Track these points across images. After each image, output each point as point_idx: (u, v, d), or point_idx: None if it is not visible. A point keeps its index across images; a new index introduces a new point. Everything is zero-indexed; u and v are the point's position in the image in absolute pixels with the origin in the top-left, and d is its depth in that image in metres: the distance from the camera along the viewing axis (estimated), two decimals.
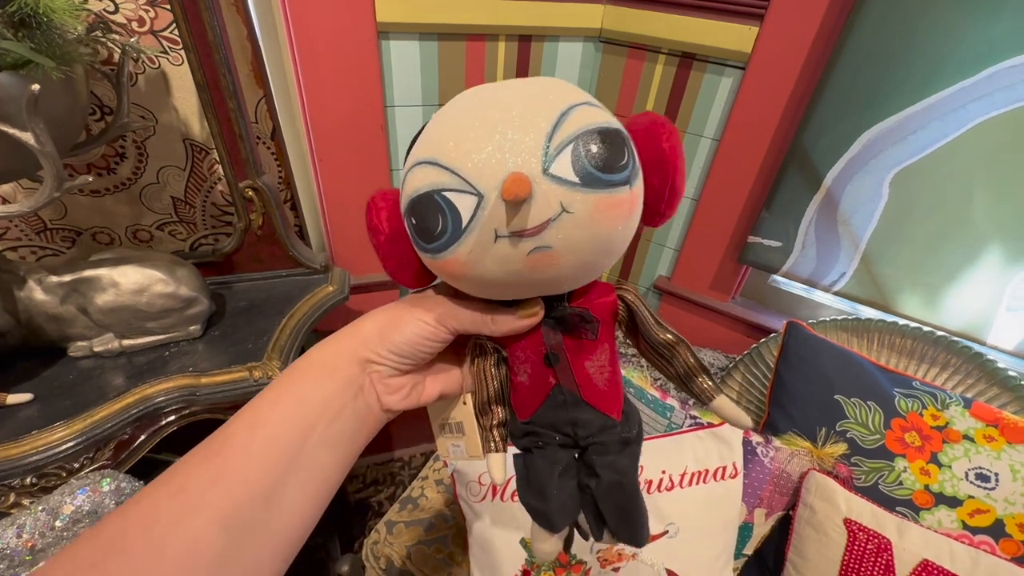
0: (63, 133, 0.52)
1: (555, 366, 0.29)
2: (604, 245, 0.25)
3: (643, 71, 0.88)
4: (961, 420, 0.69)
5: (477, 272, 0.24)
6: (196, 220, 0.84)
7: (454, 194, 0.23)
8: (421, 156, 0.24)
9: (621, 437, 0.30)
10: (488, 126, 0.23)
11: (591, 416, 0.29)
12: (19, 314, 0.60)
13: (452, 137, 0.24)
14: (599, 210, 0.23)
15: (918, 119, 0.68)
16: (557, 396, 0.29)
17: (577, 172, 0.22)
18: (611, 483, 0.29)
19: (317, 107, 0.79)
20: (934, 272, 0.76)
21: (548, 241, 0.23)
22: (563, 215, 0.22)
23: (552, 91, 0.24)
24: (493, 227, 0.22)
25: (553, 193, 0.22)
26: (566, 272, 0.25)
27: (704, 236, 0.96)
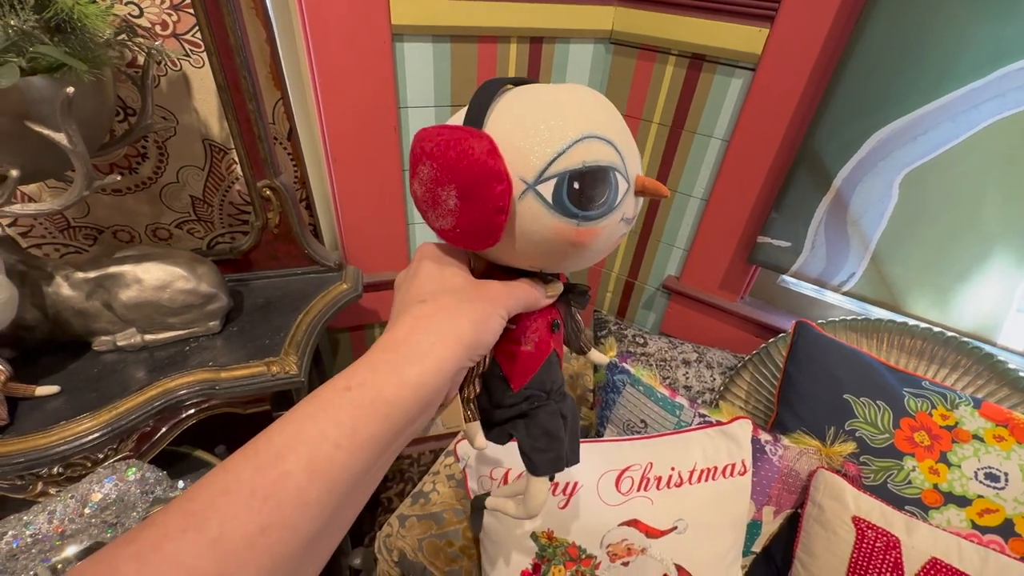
0: (91, 134, 0.54)
1: (557, 331, 0.34)
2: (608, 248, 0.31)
3: (653, 72, 0.89)
4: (971, 420, 0.69)
5: (598, 242, 0.28)
6: (214, 219, 0.86)
7: (619, 175, 0.27)
8: (594, 131, 0.26)
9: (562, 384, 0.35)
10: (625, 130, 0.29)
11: (559, 373, 0.34)
12: (47, 309, 0.62)
13: (616, 127, 0.28)
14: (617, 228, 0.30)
15: (929, 120, 0.69)
16: (552, 359, 0.33)
17: None
18: (573, 417, 0.35)
19: (332, 108, 0.81)
20: (944, 273, 0.76)
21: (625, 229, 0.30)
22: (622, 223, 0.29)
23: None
24: (623, 211, 0.28)
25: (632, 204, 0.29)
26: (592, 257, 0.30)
27: (713, 236, 0.97)
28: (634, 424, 0.82)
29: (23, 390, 0.59)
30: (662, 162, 0.96)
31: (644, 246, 1.08)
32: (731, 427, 0.71)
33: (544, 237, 0.27)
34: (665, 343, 0.99)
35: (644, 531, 0.65)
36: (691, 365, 0.96)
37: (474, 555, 0.73)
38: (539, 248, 0.28)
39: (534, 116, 0.26)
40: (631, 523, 0.66)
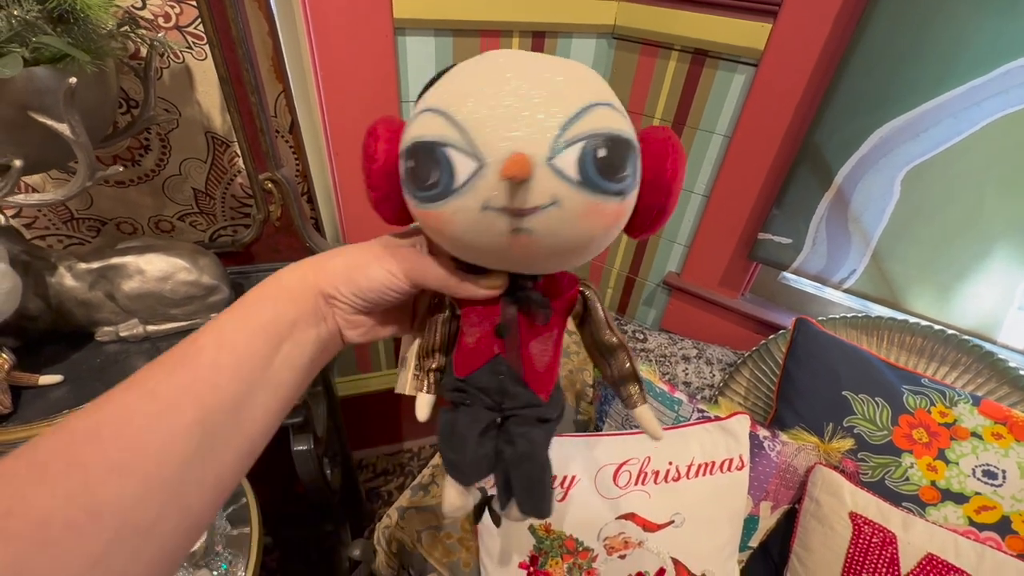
0: (94, 125, 0.54)
1: (504, 337, 0.30)
2: (582, 245, 0.25)
3: (656, 68, 0.89)
4: (970, 417, 0.69)
5: (455, 233, 0.25)
6: (216, 211, 0.86)
7: (456, 152, 0.23)
8: (435, 104, 0.24)
9: (542, 415, 0.31)
10: (511, 97, 0.23)
11: (521, 391, 0.30)
12: (50, 299, 0.63)
13: (472, 95, 0.23)
14: (587, 213, 0.23)
15: (931, 116, 0.68)
16: (497, 365, 0.30)
17: (579, 171, 0.22)
18: (524, 453, 0.30)
19: (334, 101, 0.81)
20: (945, 270, 0.76)
21: (531, 226, 0.23)
22: (552, 207, 0.23)
23: (582, 81, 0.24)
24: (484, 197, 0.23)
25: (550, 183, 0.22)
26: (539, 258, 0.26)
27: (714, 232, 0.97)
28: (633, 419, 0.82)
29: (26, 379, 0.60)
30: None
31: (645, 242, 1.08)
32: (729, 422, 0.71)
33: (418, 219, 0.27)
34: (665, 339, 0.99)
35: (641, 525, 0.66)
36: (691, 361, 0.96)
37: (472, 547, 0.73)
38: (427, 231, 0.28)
39: None
40: (628, 516, 0.66)
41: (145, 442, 0.21)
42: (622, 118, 0.24)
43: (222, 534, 0.74)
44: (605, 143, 0.22)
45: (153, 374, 0.23)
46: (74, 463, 0.20)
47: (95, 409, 0.22)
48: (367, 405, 1.34)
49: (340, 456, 1.16)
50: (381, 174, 0.27)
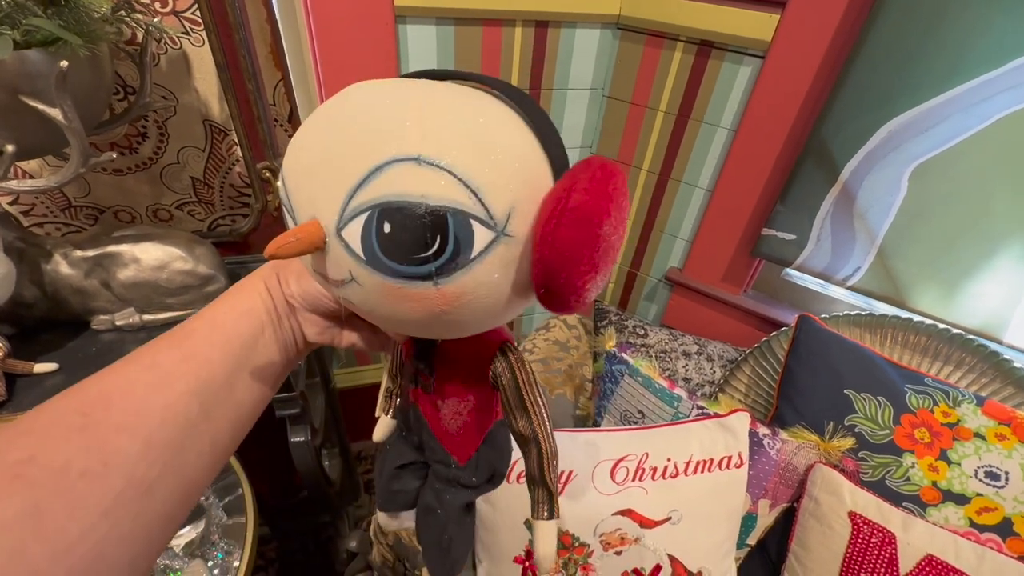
0: (88, 111, 0.54)
1: (415, 387, 0.29)
2: (416, 326, 0.22)
3: (660, 59, 0.87)
4: (973, 418, 0.68)
5: None
6: (214, 201, 0.86)
7: (287, 212, 0.22)
8: (286, 155, 0.22)
9: (455, 478, 0.28)
10: (319, 153, 0.20)
11: (436, 446, 0.29)
12: (45, 287, 0.62)
13: (297, 149, 0.21)
14: (389, 296, 0.20)
15: (940, 112, 0.67)
16: (413, 413, 0.29)
17: (363, 248, 0.18)
18: (426, 506, 0.29)
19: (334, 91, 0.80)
20: (951, 268, 0.75)
21: (348, 296, 0.21)
22: (353, 282, 0.20)
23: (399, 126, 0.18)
24: (308, 259, 0.21)
25: (341, 257, 0.19)
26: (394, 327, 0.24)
27: (717, 228, 0.96)
28: (631, 415, 0.81)
29: (21, 367, 0.60)
30: (667, 151, 0.95)
31: (647, 237, 1.07)
32: (729, 419, 0.71)
33: None
34: (666, 335, 0.98)
35: (638, 521, 0.65)
36: (691, 357, 0.95)
37: None
38: None
39: None
40: (625, 512, 0.66)
41: (148, 407, 0.23)
42: (437, 177, 0.18)
43: (218, 524, 0.74)
44: (392, 216, 0.18)
45: (152, 349, 0.26)
46: (87, 421, 0.21)
47: (102, 377, 0.24)
48: (366, 397, 1.34)
49: (339, 447, 1.16)
50: None
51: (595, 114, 0.99)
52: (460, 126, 0.19)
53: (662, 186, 0.99)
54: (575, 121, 0.99)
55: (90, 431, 0.21)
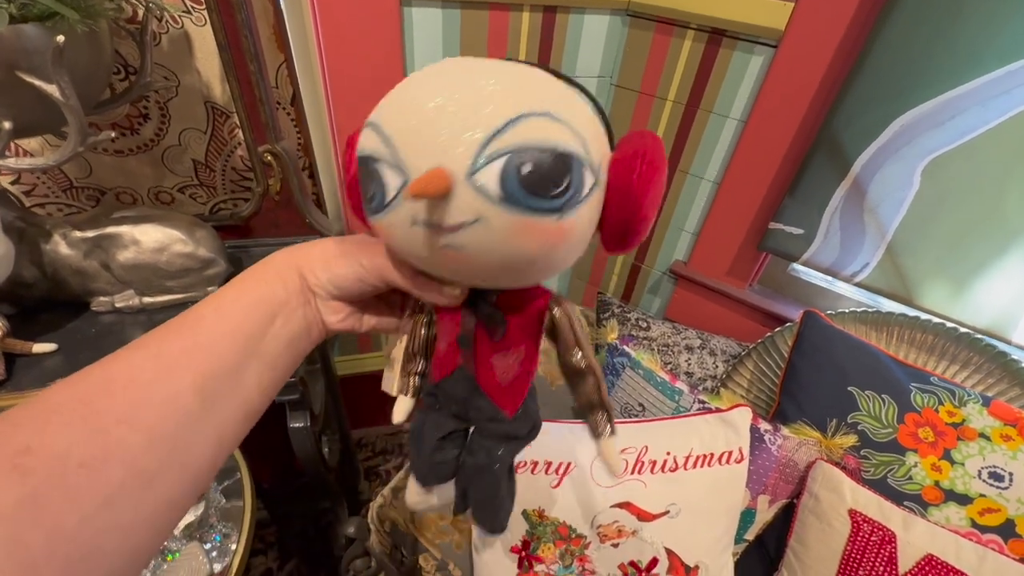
0: (87, 89, 0.53)
1: (464, 348, 0.30)
2: (522, 263, 0.24)
3: (670, 47, 0.86)
4: (978, 418, 0.67)
5: (397, 244, 0.25)
6: (216, 184, 0.85)
7: (386, 167, 0.23)
8: (373, 116, 0.24)
9: (507, 432, 0.30)
10: (438, 109, 0.22)
11: (485, 404, 0.30)
12: (45, 267, 0.62)
13: (405, 107, 0.23)
14: (516, 232, 0.22)
15: (957, 104, 0.65)
16: (460, 374, 0.30)
17: (501, 187, 0.21)
18: (479, 465, 0.30)
19: (337, 74, 0.79)
20: (962, 266, 0.74)
21: (460, 242, 0.22)
22: (477, 223, 0.22)
23: (520, 89, 0.22)
24: (411, 212, 0.22)
25: (472, 200, 0.21)
26: (479, 274, 0.25)
27: (724, 221, 0.94)
28: (632, 407, 0.81)
29: (20, 346, 0.59)
30: (675, 142, 0.93)
31: (652, 229, 1.06)
32: (730, 414, 0.70)
33: None
34: (668, 328, 0.98)
35: (636, 514, 0.65)
36: (694, 351, 0.94)
37: (465, 529, 0.73)
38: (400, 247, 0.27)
39: None
40: (623, 505, 0.65)
41: (150, 397, 0.23)
42: (562, 128, 0.22)
43: (216, 507, 0.74)
44: (532, 157, 0.21)
45: (158, 337, 0.25)
46: (88, 410, 0.21)
47: (106, 364, 0.23)
48: (367, 384, 1.34)
49: (339, 434, 1.16)
50: (352, 183, 0.27)
51: (603, 103, 0.98)
52: (563, 92, 0.24)
53: (669, 178, 0.98)
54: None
55: (91, 421, 0.21)
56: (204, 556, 0.66)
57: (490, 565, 0.69)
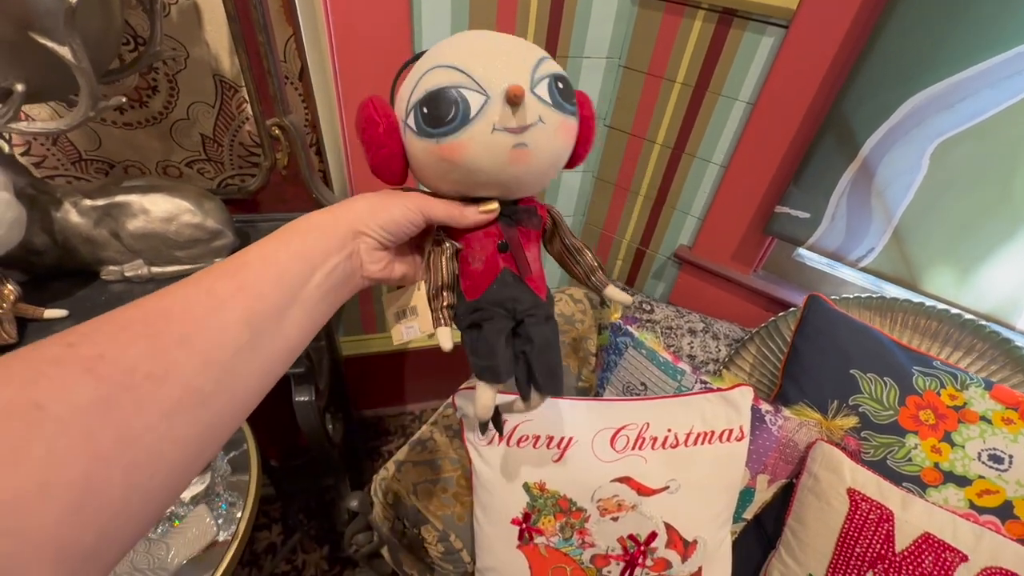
0: (97, 54, 0.53)
1: (508, 252, 0.36)
2: (557, 157, 0.34)
3: (680, 27, 0.85)
4: (980, 401, 0.68)
5: (469, 156, 0.31)
6: (224, 159, 0.85)
7: (468, 91, 0.30)
8: (439, 62, 0.31)
9: (548, 312, 0.37)
10: (493, 52, 0.32)
11: (527, 294, 0.36)
12: (55, 235, 0.63)
13: (467, 53, 0.31)
14: (560, 127, 0.33)
15: (969, 86, 0.65)
16: (505, 277, 0.36)
17: (551, 96, 0.32)
18: (543, 343, 0.36)
19: (345, 49, 0.79)
20: (968, 251, 0.73)
21: (527, 140, 0.31)
22: (539, 123, 0.31)
23: (528, 45, 0.33)
24: (492, 121, 0.30)
25: (535, 106, 0.31)
26: (531, 172, 0.33)
27: (730, 204, 0.94)
28: (634, 387, 0.81)
29: (32, 311, 0.60)
30: (682, 124, 0.93)
31: (658, 213, 1.06)
32: (732, 393, 0.70)
33: (428, 161, 0.33)
34: (672, 311, 0.98)
35: (636, 488, 0.66)
36: (697, 335, 0.95)
37: (467, 502, 0.74)
38: (434, 171, 0.33)
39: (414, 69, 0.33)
40: (623, 480, 0.66)
41: (205, 326, 0.24)
42: (558, 65, 0.34)
43: (223, 476, 0.75)
44: (561, 79, 0.32)
45: (209, 277, 0.27)
46: (150, 330, 0.23)
47: (161, 295, 0.25)
48: (372, 365, 1.35)
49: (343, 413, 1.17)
50: (386, 133, 0.33)
51: (610, 85, 0.97)
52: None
53: (675, 161, 0.97)
54: (590, 91, 0.97)
55: (153, 340, 0.23)
56: (211, 518, 0.68)
57: (491, 537, 0.70)
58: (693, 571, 0.67)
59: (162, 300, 0.25)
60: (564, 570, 0.68)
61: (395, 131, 0.33)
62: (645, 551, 0.66)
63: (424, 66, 0.32)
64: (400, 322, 0.39)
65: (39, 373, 0.19)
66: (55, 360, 0.20)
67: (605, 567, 0.67)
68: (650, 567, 0.66)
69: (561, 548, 0.67)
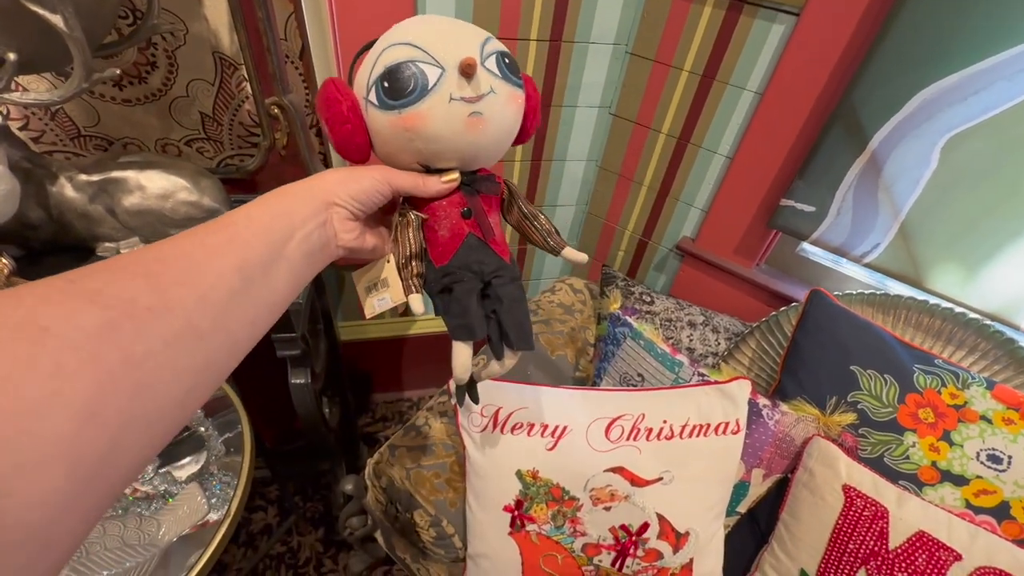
0: (92, 25, 0.52)
1: (472, 217, 0.38)
2: (509, 126, 0.37)
3: (690, 13, 0.83)
4: (981, 401, 0.67)
5: (430, 124, 0.33)
6: (223, 139, 0.84)
7: (425, 65, 0.33)
8: (397, 40, 0.34)
9: (513, 274, 0.39)
10: (445, 31, 0.35)
11: (492, 257, 0.38)
12: (51, 209, 0.62)
13: (421, 33, 0.34)
14: (510, 97, 0.36)
15: (983, 78, 0.63)
16: (470, 241, 0.38)
17: (499, 69, 0.35)
18: (511, 301, 0.38)
19: (347, 27, 0.77)
20: (975, 249, 0.72)
21: (481, 109, 0.34)
22: (491, 93, 0.34)
23: (476, 27, 0.36)
24: (449, 91, 0.33)
25: (486, 77, 0.34)
26: (487, 139, 0.36)
27: (734, 197, 0.93)
28: (631, 377, 0.81)
29: None
30: (689, 114, 0.91)
31: (661, 204, 1.04)
32: (729, 386, 0.70)
33: (391, 133, 0.35)
34: (672, 303, 0.97)
35: (629, 479, 0.65)
36: (696, 328, 0.94)
37: (460, 488, 0.74)
38: (397, 144, 0.35)
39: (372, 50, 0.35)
40: (617, 470, 0.66)
41: (202, 271, 0.26)
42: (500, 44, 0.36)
43: (217, 456, 0.75)
44: (506, 55, 0.36)
45: (199, 231, 0.28)
46: (148, 271, 0.24)
47: (157, 246, 0.26)
48: (370, 351, 1.35)
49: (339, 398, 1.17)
50: (351, 110, 0.35)
51: (616, 72, 0.96)
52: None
53: (680, 151, 0.96)
54: (595, 78, 0.96)
55: (152, 279, 0.24)
56: (203, 497, 0.68)
57: (483, 523, 0.70)
58: (684, 563, 0.67)
59: (158, 249, 0.26)
60: (555, 558, 0.68)
61: (357, 108, 0.35)
62: (637, 541, 0.66)
63: (381, 46, 0.34)
64: (371, 295, 0.41)
65: (43, 300, 0.20)
66: (60, 290, 0.21)
67: (596, 556, 0.67)
68: (641, 557, 0.66)
69: (553, 536, 0.67)
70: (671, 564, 0.67)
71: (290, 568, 1.17)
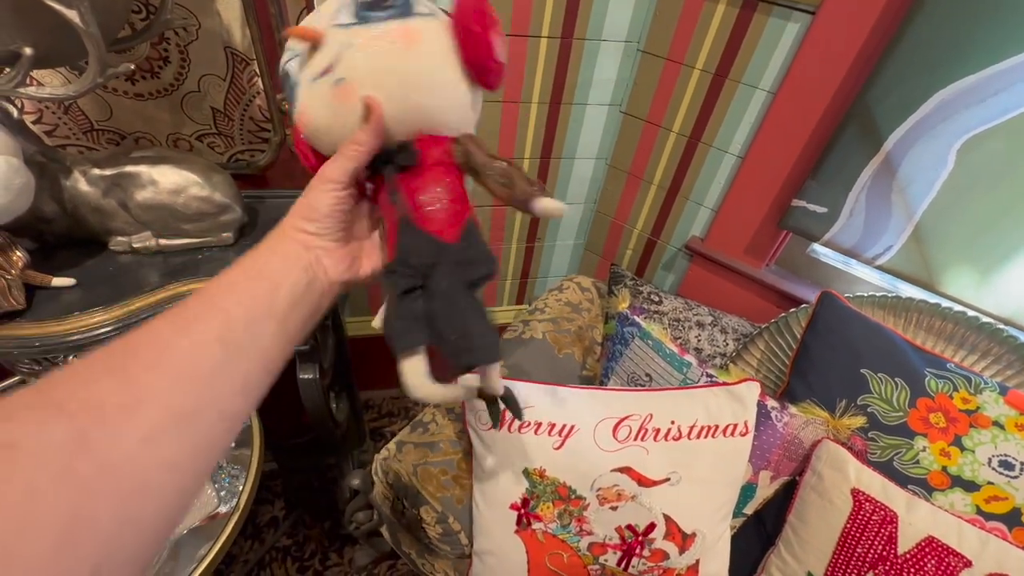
0: (107, 19, 0.52)
1: (396, 202, 0.33)
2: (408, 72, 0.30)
3: (703, 10, 0.83)
4: (994, 406, 0.66)
5: (313, 118, 0.32)
6: (234, 134, 0.85)
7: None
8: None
9: (458, 257, 0.32)
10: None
11: (422, 242, 0.32)
12: (64, 203, 0.63)
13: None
14: (379, 38, 0.30)
15: (1002, 79, 0.62)
16: (402, 227, 0.33)
17: (352, 16, 0.30)
18: (444, 297, 0.31)
19: None
20: (989, 252, 0.71)
21: (341, 74, 0.30)
22: (347, 49, 0.29)
23: None
24: (308, 75, 0.30)
25: (338, 37, 0.30)
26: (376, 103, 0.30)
27: (745, 196, 0.92)
28: (639, 377, 0.81)
29: (40, 279, 0.60)
30: (700, 112, 0.91)
31: (671, 203, 1.04)
32: (738, 388, 0.69)
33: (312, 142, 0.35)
34: (680, 303, 0.97)
35: (636, 479, 0.65)
36: (705, 328, 0.94)
37: (466, 485, 0.74)
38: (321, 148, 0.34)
39: None
40: (624, 470, 0.66)
41: (174, 348, 0.25)
42: None
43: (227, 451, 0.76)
44: None
45: (174, 308, 0.27)
46: (115, 365, 0.23)
47: (127, 336, 0.25)
48: (377, 347, 1.35)
49: (347, 393, 1.18)
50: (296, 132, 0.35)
51: (627, 69, 0.95)
52: None
53: (691, 150, 0.95)
54: (606, 75, 0.95)
55: (119, 374, 0.23)
56: (213, 490, 0.68)
57: (489, 521, 0.70)
58: (690, 563, 0.67)
59: (127, 338, 0.25)
60: (561, 557, 0.68)
61: None
62: (643, 541, 0.66)
63: None
64: None
65: (10, 417, 0.19)
66: (26, 405, 0.20)
67: (602, 555, 0.67)
68: (647, 557, 0.66)
69: (559, 535, 0.67)
70: (677, 565, 0.67)
71: (296, 561, 1.18)
